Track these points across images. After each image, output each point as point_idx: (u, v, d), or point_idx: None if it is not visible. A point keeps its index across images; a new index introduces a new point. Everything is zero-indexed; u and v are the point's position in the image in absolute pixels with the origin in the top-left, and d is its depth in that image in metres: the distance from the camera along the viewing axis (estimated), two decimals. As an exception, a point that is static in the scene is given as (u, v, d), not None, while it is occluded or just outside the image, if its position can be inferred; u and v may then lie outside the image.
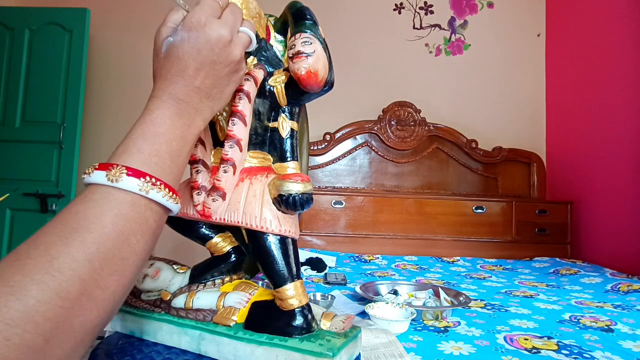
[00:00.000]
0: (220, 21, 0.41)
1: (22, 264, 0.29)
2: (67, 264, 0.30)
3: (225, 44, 0.41)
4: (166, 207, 0.38)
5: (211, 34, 0.40)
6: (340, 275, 1.50)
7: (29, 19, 2.47)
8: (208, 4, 0.41)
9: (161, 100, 0.40)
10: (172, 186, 0.38)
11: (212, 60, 0.41)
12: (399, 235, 2.26)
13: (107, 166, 0.35)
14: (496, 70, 2.72)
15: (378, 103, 2.60)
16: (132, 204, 0.35)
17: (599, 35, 2.23)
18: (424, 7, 2.76)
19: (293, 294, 0.48)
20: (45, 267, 0.29)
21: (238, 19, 0.44)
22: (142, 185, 0.35)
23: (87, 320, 0.31)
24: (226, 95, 0.44)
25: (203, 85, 0.41)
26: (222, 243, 0.57)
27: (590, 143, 2.25)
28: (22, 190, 2.36)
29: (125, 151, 0.37)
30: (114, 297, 0.34)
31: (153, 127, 0.39)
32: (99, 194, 0.35)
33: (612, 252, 2.03)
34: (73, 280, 0.30)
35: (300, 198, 0.46)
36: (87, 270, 0.31)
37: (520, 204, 2.33)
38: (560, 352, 0.82)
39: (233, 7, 0.44)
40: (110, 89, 2.73)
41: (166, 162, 0.38)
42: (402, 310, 0.94)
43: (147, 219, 0.36)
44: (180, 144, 0.40)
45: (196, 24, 0.40)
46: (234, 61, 0.42)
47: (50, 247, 0.31)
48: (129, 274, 0.35)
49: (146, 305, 0.55)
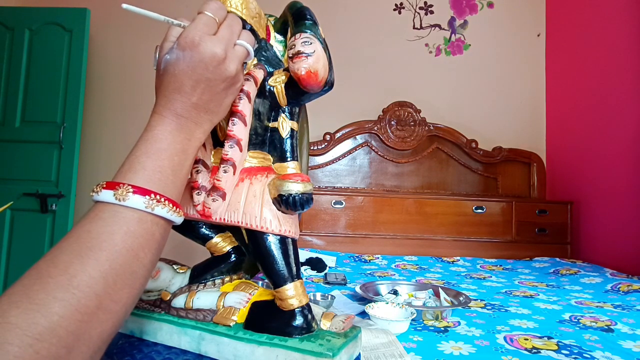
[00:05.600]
0: (215, 38, 0.41)
1: (44, 282, 0.32)
2: (85, 282, 0.33)
3: (219, 61, 0.41)
4: (170, 220, 0.40)
5: (204, 53, 0.40)
6: (340, 275, 1.50)
7: (29, 19, 2.47)
8: (202, 21, 0.41)
9: (162, 116, 0.42)
10: (175, 200, 0.41)
11: (207, 77, 0.41)
12: (399, 235, 2.26)
13: (114, 185, 0.38)
14: (496, 70, 2.72)
15: (378, 103, 2.60)
16: (139, 220, 0.38)
17: (599, 35, 2.23)
18: (424, 7, 2.76)
19: (293, 294, 0.48)
20: (66, 286, 0.32)
21: (235, 32, 0.43)
22: (148, 202, 0.38)
23: (104, 331, 0.35)
24: (224, 107, 0.45)
25: (200, 101, 0.42)
26: (222, 243, 0.57)
27: (590, 143, 2.25)
28: (22, 190, 2.37)
29: (130, 169, 0.39)
30: (125, 308, 0.37)
31: (155, 144, 0.41)
32: (107, 213, 0.37)
33: (612, 252, 2.03)
34: (90, 296, 0.33)
35: (300, 198, 0.46)
36: (102, 286, 0.34)
37: (520, 204, 2.33)
38: (560, 352, 0.82)
39: (230, 21, 0.43)
40: (110, 89, 2.73)
41: (169, 177, 0.40)
42: (402, 310, 0.94)
43: (154, 233, 0.39)
44: (182, 157, 0.42)
45: (190, 43, 0.40)
46: (229, 77, 0.43)
47: (68, 266, 0.34)
48: (138, 285, 0.38)
49: (146, 305, 0.55)
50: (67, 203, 2.36)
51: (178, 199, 0.41)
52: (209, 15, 0.42)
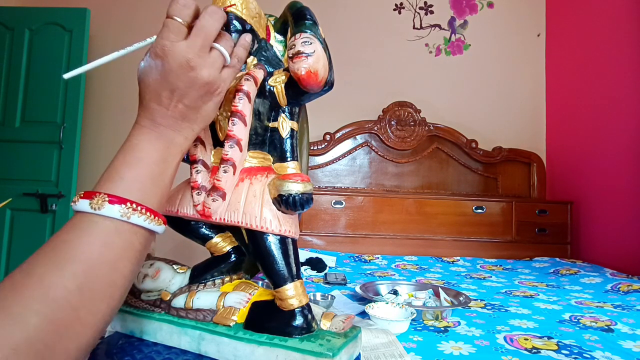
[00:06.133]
0: (184, 45, 0.39)
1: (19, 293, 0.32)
2: (61, 294, 0.33)
3: (189, 68, 0.40)
4: (149, 229, 0.39)
5: (173, 62, 0.39)
6: (340, 275, 1.50)
7: (29, 19, 2.47)
8: (169, 28, 0.40)
9: (140, 126, 0.41)
10: (155, 209, 0.40)
11: (179, 86, 0.40)
12: (399, 235, 2.26)
13: (91, 194, 0.37)
14: (496, 70, 2.72)
15: (378, 103, 2.60)
16: (116, 230, 0.37)
17: (599, 35, 2.23)
18: (424, 7, 2.76)
19: (293, 294, 0.48)
20: (42, 297, 0.32)
21: (209, 35, 0.41)
22: (124, 211, 0.37)
23: (82, 343, 0.34)
24: (205, 114, 0.44)
25: (176, 109, 0.41)
26: (222, 243, 0.57)
27: (590, 143, 2.25)
28: (22, 190, 2.36)
29: (109, 179, 0.39)
30: (105, 319, 0.36)
31: (134, 153, 0.40)
32: (85, 222, 0.36)
33: (612, 252, 2.03)
34: (67, 308, 0.33)
35: (300, 198, 0.46)
36: (79, 298, 0.33)
37: (520, 204, 2.33)
38: (560, 352, 0.82)
39: (203, 22, 0.41)
40: (110, 89, 2.73)
41: (148, 186, 0.40)
42: (402, 310, 0.94)
43: (132, 242, 0.38)
44: (162, 166, 0.41)
45: (160, 51, 0.39)
46: (204, 83, 0.41)
47: (43, 277, 0.33)
48: (117, 296, 0.37)
49: (146, 305, 0.55)
50: (67, 203, 2.36)
51: (159, 209, 0.41)
52: (175, 20, 0.40)
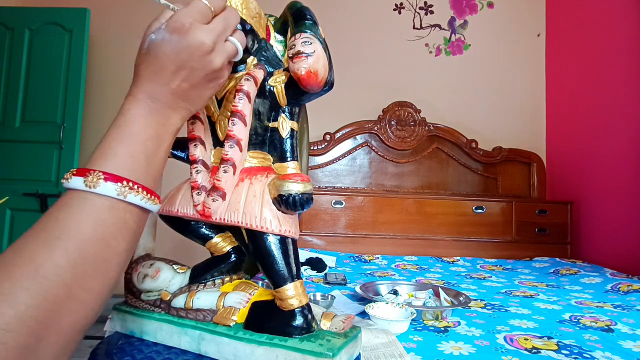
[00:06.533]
0: (206, 27, 0.40)
1: (9, 271, 0.31)
2: (52, 271, 0.32)
3: (206, 52, 0.40)
4: (145, 208, 0.39)
5: (192, 40, 0.39)
6: (340, 275, 1.50)
7: (29, 19, 2.47)
8: (197, 8, 0.40)
9: (135, 99, 0.40)
10: (149, 187, 0.39)
11: (190, 65, 0.40)
12: (399, 235, 2.26)
13: (85, 172, 0.36)
14: (496, 70, 2.72)
15: (378, 103, 2.60)
16: (111, 208, 0.36)
17: (599, 35, 2.23)
18: (424, 7, 2.76)
19: (293, 294, 0.48)
20: (33, 275, 0.31)
21: (229, 27, 0.42)
22: (120, 189, 0.36)
23: (75, 321, 0.34)
24: (203, 99, 0.44)
25: (179, 88, 0.41)
26: (222, 243, 0.57)
27: (590, 143, 2.25)
28: (22, 190, 2.36)
29: (102, 155, 0.38)
30: (99, 297, 0.36)
31: (127, 128, 0.39)
32: (77, 200, 0.36)
33: (612, 252, 2.03)
34: (59, 285, 0.32)
35: (300, 198, 0.46)
36: (71, 274, 0.33)
37: (520, 204, 2.33)
38: (560, 352, 0.82)
39: (228, 14, 0.42)
40: (110, 89, 2.73)
41: (142, 163, 0.39)
42: (402, 310, 0.94)
43: (127, 221, 0.37)
44: (155, 143, 0.40)
45: (179, 27, 0.39)
46: (213, 69, 0.41)
47: (34, 255, 0.32)
48: (112, 274, 0.37)
49: (146, 305, 0.55)
50: (67, 203, 2.36)
51: (153, 187, 0.40)
52: (205, 4, 0.40)
